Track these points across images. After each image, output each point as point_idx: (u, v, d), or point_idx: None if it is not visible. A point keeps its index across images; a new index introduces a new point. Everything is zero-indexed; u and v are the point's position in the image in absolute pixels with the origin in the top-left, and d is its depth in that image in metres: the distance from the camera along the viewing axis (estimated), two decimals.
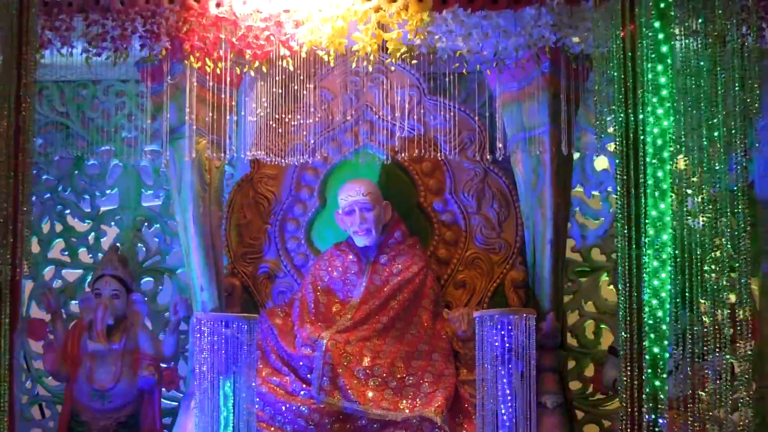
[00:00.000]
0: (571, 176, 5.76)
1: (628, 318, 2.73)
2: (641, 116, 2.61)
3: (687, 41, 2.59)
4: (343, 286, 5.64)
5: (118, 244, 6.33)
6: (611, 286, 6.18)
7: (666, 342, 2.57)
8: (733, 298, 3.00)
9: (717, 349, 2.77)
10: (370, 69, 5.61)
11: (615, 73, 2.66)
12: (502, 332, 4.95)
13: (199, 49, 5.17)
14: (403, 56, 5.24)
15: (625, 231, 2.69)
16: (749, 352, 5.32)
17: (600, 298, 6.21)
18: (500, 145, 5.67)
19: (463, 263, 5.97)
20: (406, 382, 5.27)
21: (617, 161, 2.76)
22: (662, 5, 2.49)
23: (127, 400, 5.88)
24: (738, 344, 3.04)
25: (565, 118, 5.44)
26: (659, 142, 2.56)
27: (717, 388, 2.85)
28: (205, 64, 5.22)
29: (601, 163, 6.26)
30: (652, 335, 2.66)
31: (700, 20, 2.51)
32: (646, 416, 2.47)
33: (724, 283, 2.88)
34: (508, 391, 4.91)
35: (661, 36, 2.49)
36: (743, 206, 2.79)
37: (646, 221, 2.66)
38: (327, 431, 5.19)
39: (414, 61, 5.34)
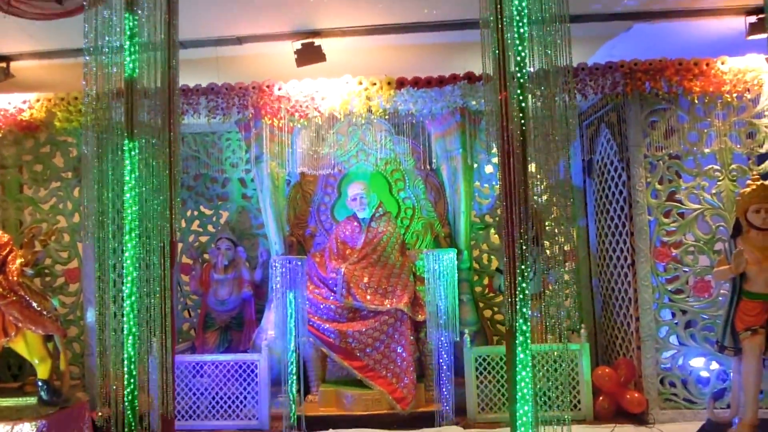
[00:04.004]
0: (473, 176, 5.73)
1: (506, 252, 2.65)
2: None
3: (535, 100, 2.56)
4: (351, 239, 5.60)
5: (229, 220, 6.29)
6: (496, 235, 6.19)
7: (528, 263, 2.54)
8: (562, 239, 2.98)
9: (555, 267, 2.75)
10: (363, 122, 5.60)
11: (496, 119, 2.60)
12: (439, 261, 4.95)
13: (270, 113, 5.10)
14: (380, 114, 5.19)
15: (505, 204, 2.61)
16: (573, 268, 5.33)
17: (490, 241, 6.21)
18: (434, 161, 5.67)
19: (416, 225, 5.96)
20: (387, 290, 5.25)
21: (499, 167, 2.70)
22: (521, 81, 2.47)
23: (236, 305, 5.85)
24: (566, 264, 3.02)
25: (468, 145, 5.43)
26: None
27: (555, 287, 2.82)
28: (273, 121, 5.15)
29: (488, 168, 6.24)
30: (519, 262, 2.66)
31: (542, 88, 2.48)
32: (519, 303, 2.45)
33: (557, 231, 2.84)
34: (443, 293, 4.90)
35: (521, 97, 2.46)
36: (566, 190, 2.76)
37: (514, 200, 2.62)
38: (346, 318, 5.18)
39: (386, 117, 5.28)
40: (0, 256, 4.45)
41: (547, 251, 2.86)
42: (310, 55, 5.30)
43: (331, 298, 5.25)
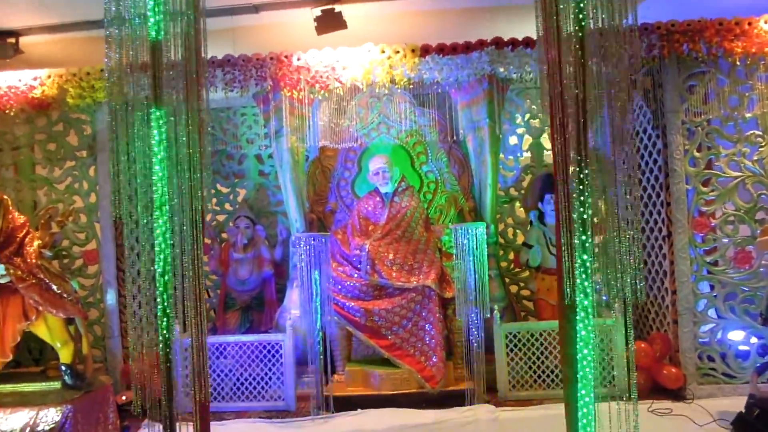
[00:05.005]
0: (499, 148, 5.52)
1: (560, 221, 2.45)
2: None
3: (593, 59, 2.34)
4: (374, 215, 5.43)
5: (246, 198, 6.15)
6: (521, 208, 6.02)
7: (588, 233, 2.34)
8: (617, 209, 2.72)
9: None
10: (385, 92, 5.42)
11: (549, 78, 2.37)
12: (468, 235, 4.80)
13: (289, 85, 4.91)
14: (404, 84, 4.98)
15: (559, 175, 2.39)
16: (637, 237, 5.11)
17: (515, 215, 6.06)
18: (461, 131, 5.50)
19: (439, 199, 5.79)
20: (413, 266, 5.10)
21: (550, 135, 2.45)
22: (580, 36, 2.26)
23: (256, 285, 5.75)
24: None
25: (496, 114, 5.24)
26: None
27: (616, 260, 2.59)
28: (292, 94, 4.97)
29: (512, 140, 6.07)
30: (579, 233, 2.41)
31: (606, 43, 2.26)
32: (580, 277, 2.27)
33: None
34: (471, 268, 4.77)
35: (580, 54, 2.26)
36: (631, 161, 2.51)
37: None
38: (371, 296, 5.03)
39: (411, 86, 5.06)
40: (17, 238, 4.34)
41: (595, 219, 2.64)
42: (330, 22, 5.11)
43: (356, 275, 5.11)
